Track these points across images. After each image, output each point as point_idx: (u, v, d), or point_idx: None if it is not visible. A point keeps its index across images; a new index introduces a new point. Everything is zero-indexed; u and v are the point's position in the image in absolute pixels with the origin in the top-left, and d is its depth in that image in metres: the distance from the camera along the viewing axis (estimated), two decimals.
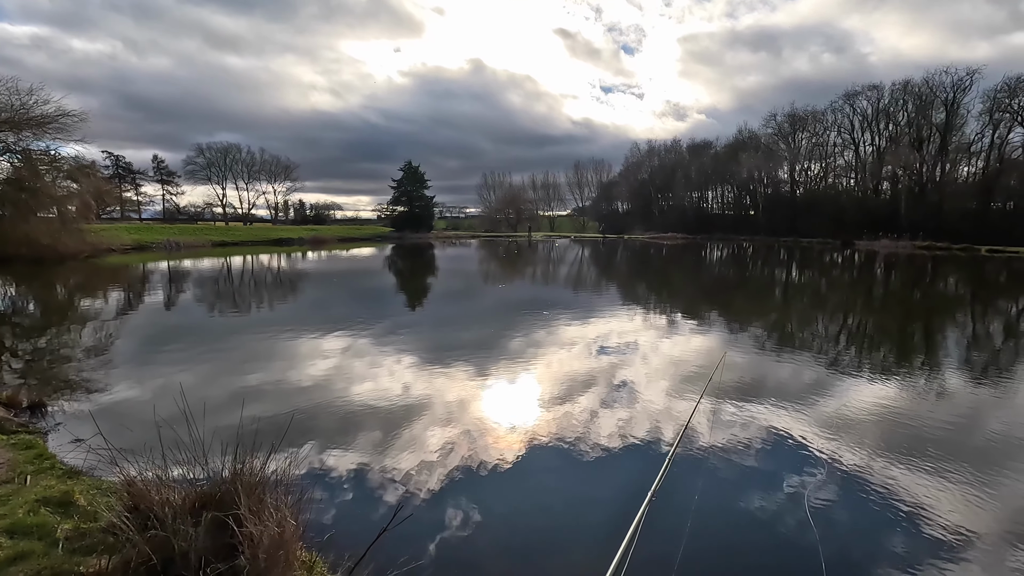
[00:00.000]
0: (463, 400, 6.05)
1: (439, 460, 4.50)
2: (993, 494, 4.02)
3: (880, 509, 3.79)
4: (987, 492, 4.04)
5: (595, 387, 6.55)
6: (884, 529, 3.55)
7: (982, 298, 17.14)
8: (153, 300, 14.51)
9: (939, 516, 3.69)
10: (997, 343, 10.11)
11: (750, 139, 73.15)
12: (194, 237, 43.30)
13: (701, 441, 4.94)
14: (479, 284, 20.36)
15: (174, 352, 8.22)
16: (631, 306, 14.24)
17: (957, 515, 3.71)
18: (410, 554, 3.19)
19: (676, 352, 8.49)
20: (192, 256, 32.29)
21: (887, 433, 5.21)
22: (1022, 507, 3.85)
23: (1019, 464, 4.56)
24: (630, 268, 28.77)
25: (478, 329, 10.39)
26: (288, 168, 79.11)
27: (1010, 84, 50.04)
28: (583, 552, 3.25)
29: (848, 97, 61.73)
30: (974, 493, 4.02)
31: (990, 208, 52.61)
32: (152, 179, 73.44)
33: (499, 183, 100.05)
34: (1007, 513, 3.76)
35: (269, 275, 22.68)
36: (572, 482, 4.23)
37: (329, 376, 6.92)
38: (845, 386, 6.77)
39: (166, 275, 21.74)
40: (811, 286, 20.73)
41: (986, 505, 3.86)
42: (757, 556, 3.31)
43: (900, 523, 3.61)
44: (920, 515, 3.70)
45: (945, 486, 4.12)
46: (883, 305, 15.46)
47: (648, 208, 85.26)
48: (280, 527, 2.45)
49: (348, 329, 9.96)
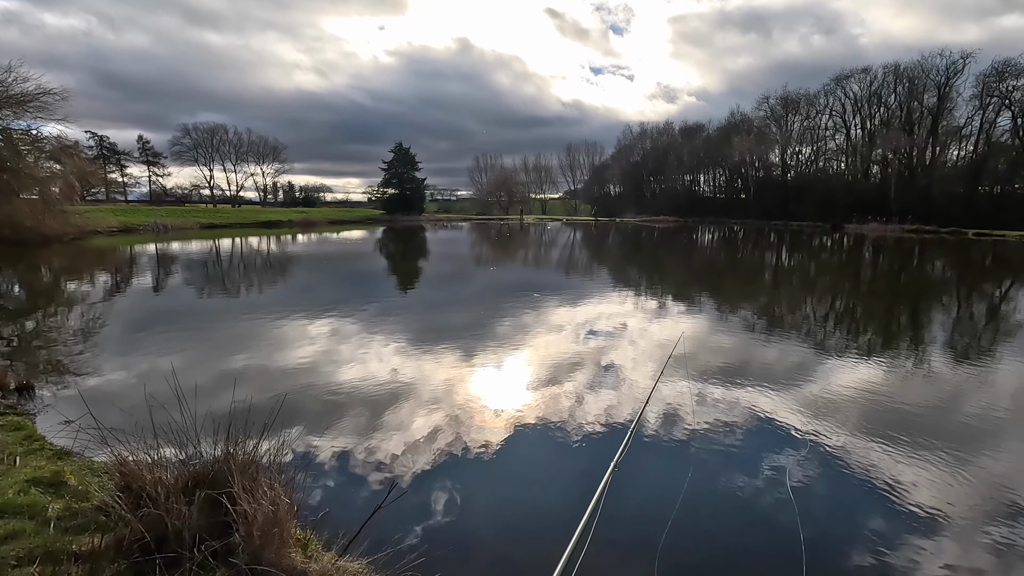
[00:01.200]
0: (452, 382, 6.07)
1: (430, 440, 4.53)
2: (968, 472, 4.11)
3: (859, 487, 3.87)
4: (962, 470, 4.13)
5: (580, 369, 6.60)
6: (862, 507, 3.62)
7: (966, 281, 17.36)
8: (141, 283, 14.35)
9: (916, 494, 3.77)
10: (978, 326, 10.27)
11: (742, 122, 72.93)
12: (182, 219, 42.71)
13: (675, 420, 4.99)
14: (471, 267, 20.31)
15: (162, 335, 8.15)
16: (621, 289, 14.30)
17: (933, 493, 3.79)
18: (404, 530, 3.22)
19: (661, 335, 8.55)
20: (180, 239, 31.89)
21: (868, 412, 5.29)
22: (996, 484, 3.94)
23: (994, 443, 4.67)
24: (621, 251, 28.81)
25: (469, 312, 10.39)
26: (276, 149, 77.95)
27: (999, 68, 50.13)
28: (566, 519, 3.29)
29: (840, 80, 61.60)
30: (950, 471, 4.11)
31: (978, 192, 53.04)
32: (138, 160, 72.06)
33: (491, 165, 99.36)
34: (981, 490, 3.85)
35: (259, 258, 22.47)
36: (557, 457, 4.29)
37: (320, 359, 6.91)
38: (828, 367, 6.87)
39: (154, 258, 21.48)
40: (799, 269, 20.88)
41: (961, 483, 3.95)
42: (737, 527, 3.38)
43: (878, 502, 3.69)
44: (897, 493, 3.78)
45: (923, 465, 4.21)
46: (869, 289, 15.63)
47: (640, 191, 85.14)
48: (274, 505, 2.46)
49: (339, 312, 9.92)
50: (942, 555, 3.09)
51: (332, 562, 2.52)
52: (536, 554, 3.09)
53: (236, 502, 2.45)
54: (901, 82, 57.46)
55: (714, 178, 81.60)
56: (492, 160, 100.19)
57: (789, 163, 69.65)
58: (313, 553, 2.61)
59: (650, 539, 3.18)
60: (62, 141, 28.80)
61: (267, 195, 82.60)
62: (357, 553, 2.71)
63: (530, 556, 3.10)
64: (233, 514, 2.45)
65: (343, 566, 2.53)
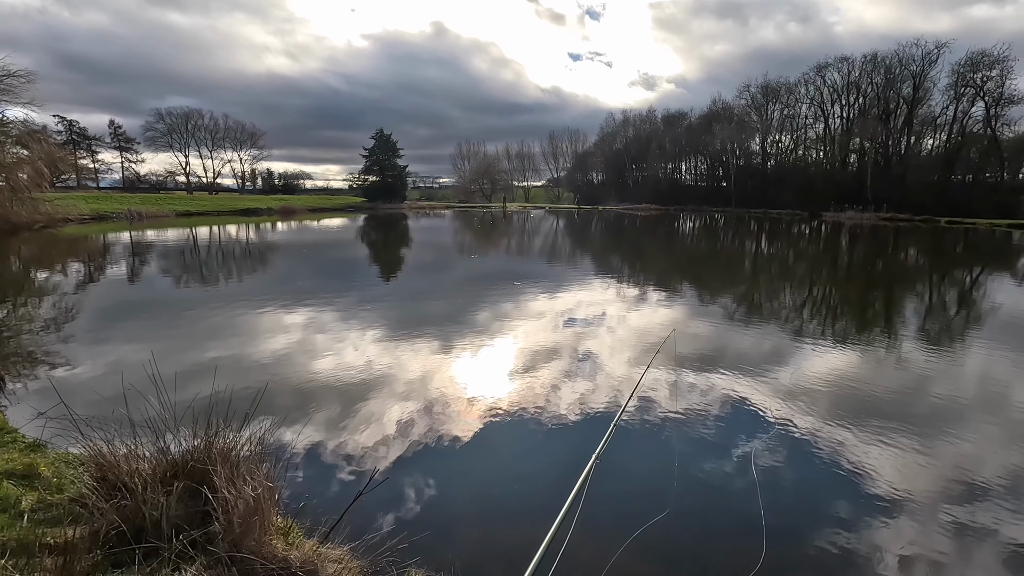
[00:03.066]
0: (432, 371, 6.08)
1: (410, 428, 4.55)
2: (930, 455, 4.26)
3: (825, 470, 3.98)
4: (925, 454, 4.28)
5: (560, 357, 6.65)
6: (827, 491, 3.74)
7: (938, 268, 17.82)
8: (115, 272, 14.03)
9: (879, 477, 3.90)
10: (948, 311, 10.57)
11: (723, 110, 73.36)
12: (157, 207, 41.69)
13: (657, 407, 5.08)
14: (453, 255, 20.24)
15: (137, 325, 8.01)
16: (602, 277, 14.39)
17: (896, 475, 3.93)
18: (386, 516, 3.24)
19: (641, 323, 8.65)
20: (155, 227, 31.17)
21: (838, 397, 5.44)
22: (956, 466, 4.09)
23: (957, 427, 4.84)
24: (603, 239, 28.94)
25: (450, 300, 10.37)
26: (254, 135, 76.36)
27: (974, 58, 51.05)
28: (547, 505, 3.34)
29: (819, 69, 62.21)
30: (913, 454, 4.26)
31: (951, 181, 54.25)
32: (109, 146, 70.00)
33: (473, 152, 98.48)
34: (942, 472, 3.99)
35: (237, 247, 22.10)
36: (537, 445, 4.33)
37: (299, 348, 6.86)
38: (802, 353, 7.02)
39: (128, 246, 20.98)
40: (778, 257, 21.22)
41: (923, 465, 4.09)
42: (701, 508, 3.47)
43: (843, 484, 3.81)
44: (863, 476, 3.91)
45: (888, 448, 4.35)
46: (846, 275, 15.96)
47: (623, 179, 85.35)
48: (255, 493, 2.45)
49: (319, 302, 9.83)
50: (903, 534, 3.21)
51: (313, 548, 2.53)
52: (516, 538, 3.14)
53: (216, 491, 2.44)
54: (879, 72, 58.23)
55: (695, 166, 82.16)
56: (474, 147, 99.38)
57: (769, 151, 70.39)
58: (294, 540, 2.61)
59: (630, 525, 3.24)
60: (29, 126, 27.84)
61: (245, 182, 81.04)
62: (338, 539, 2.73)
63: (511, 540, 3.15)
64: (213, 503, 2.44)
65: (324, 552, 2.55)
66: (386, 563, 2.65)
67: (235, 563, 2.22)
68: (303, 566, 2.31)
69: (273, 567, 2.26)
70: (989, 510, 3.44)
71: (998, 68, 50.11)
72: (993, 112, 51.74)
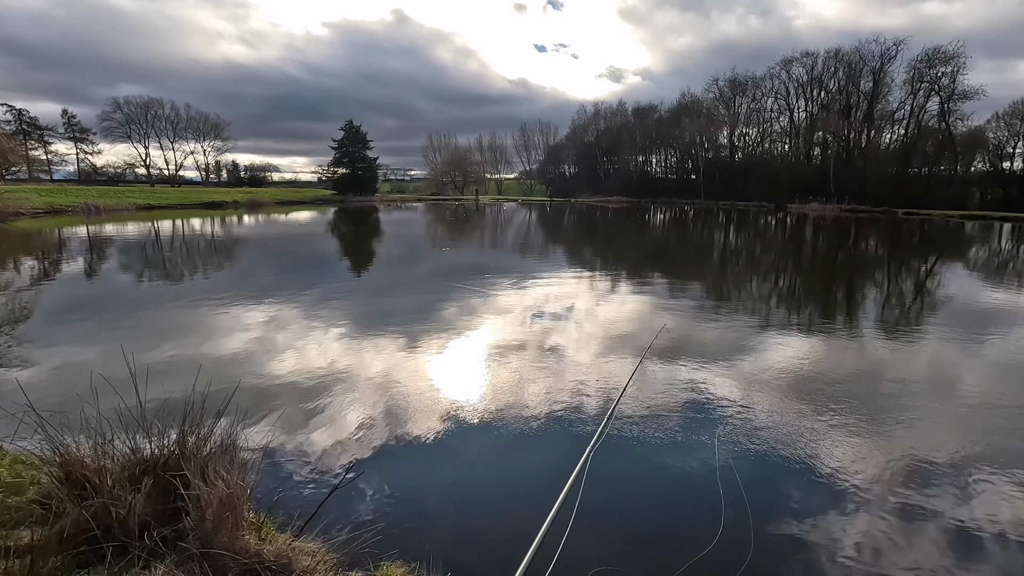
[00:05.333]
0: (409, 364, 6.06)
1: (386, 422, 4.54)
2: (884, 442, 4.47)
3: (787, 461, 4.14)
4: (878, 440, 4.49)
5: (536, 350, 6.70)
6: (791, 479, 3.89)
7: (896, 257, 18.55)
8: (73, 268, 13.50)
9: (833, 462, 4.08)
10: (903, 299, 11.02)
11: (692, 104, 74.52)
12: (116, 200, 40.11)
13: (646, 401, 5.19)
14: (425, 248, 20.12)
15: (96, 323, 7.75)
16: (575, 269, 14.51)
17: (849, 460, 4.11)
18: (362, 511, 3.24)
19: (613, 315, 8.78)
20: (114, 220, 30.05)
21: (799, 386, 5.64)
22: (908, 452, 4.30)
23: (911, 414, 5.08)
24: (576, 232, 29.14)
25: (420, 295, 10.32)
26: (217, 126, 74.24)
27: (929, 55, 52.95)
28: (530, 504, 3.39)
29: (785, 63, 63.75)
30: (867, 441, 4.46)
31: (908, 173, 56.33)
32: (63, 136, 67.11)
33: (444, 144, 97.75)
34: (895, 458, 4.20)
35: (202, 241, 21.49)
36: (516, 441, 4.36)
37: (272, 345, 6.75)
38: (767, 342, 7.24)
39: (86, 242, 20.20)
40: (745, 248, 21.74)
41: (876, 452, 4.29)
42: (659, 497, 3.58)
43: (807, 473, 3.97)
44: (817, 462, 4.08)
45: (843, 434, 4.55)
46: (811, 266, 16.47)
47: (595, 171, 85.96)
48: (228, 489, 2.42)
49: (286, 297, 9.67)
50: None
51: (287, 542, 2.52)
52: (496, 529, 3.18)
53: (186, 488, 2.40)
54: (841, 67, 59.92)
55: (666, 159, 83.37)
56: (446, 139, 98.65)
57: (737, 144, 71.89)
58: (267, 535, 2.60)
59: (624, 520, 3.31)
60: None
61: (209, 175, 78.81)
62: (314, 533, 2.72)
63: (489, 532, 3.19)
64: (185, 500, 2.41)
65: (299, 546, 2.54)
66: (362, 555, 2.66)
67: (207, 559, 2.20)
68: (276, 560, 2.31)
69: (246, 561, 2.25)
70: (940, 487, 3.64)
71: (952, 64, 52.14)
72: (947, 107, 53.87)
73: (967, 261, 17.91)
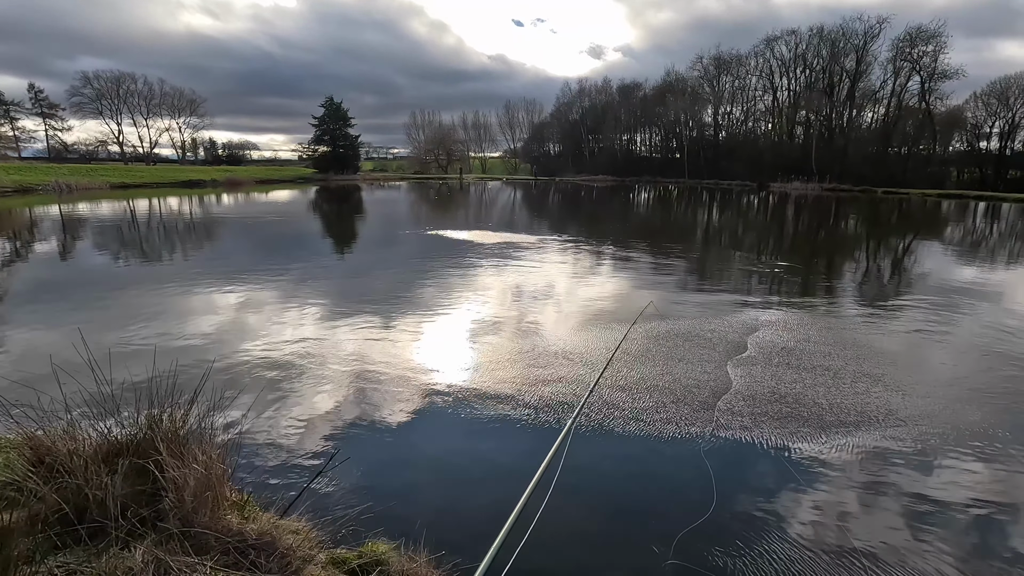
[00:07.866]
0: (393, 344, 6.02)
1: (371, 402, 4.51)
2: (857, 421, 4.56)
3: (773, 442, 4.21)
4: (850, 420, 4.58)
5: (519, 327, 6.70)
6: (770, 464, 3.96)
7: (875, 235, 18.84)
8: (44, 249, 13.12)
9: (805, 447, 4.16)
10: (880, 275, 11.21)
11: (677, 82, 74.17)
12: (88, 179, 38.97)
13: (632, 375, 5.22)
14: (410, 228, 19.91)
15: (66, 305, 7.55)
16: (561, 246, 14.49)
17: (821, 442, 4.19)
18: (347, 490, 3.22)
19: (595, 292, 8.79)
20: (87, 199, 29.20)
21: (779, 363, 5.72)
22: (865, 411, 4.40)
23: (876, 385, 5.18)
24: (560, 210, 29.05)
25: (408, 273, 10.22)
26: (193, 102, 72.16)
27: (912, 34, 53.18)
28: (514, 478, 3.40)
29: (769, 42, 63.56)
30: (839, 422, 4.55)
31: (888, 153, 56.98)
32: (30, 112, 64.72)
33: (428, 122, 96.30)
34: (867, 439, 4.29)
35: (179, 222, 21.01)
36: (500, 419, 4.36)
37: (250, 326, 6.64)
38: (750, 315, 7.32)
39: (58, 221, 19.61)
40: (728, 225, 21.89)
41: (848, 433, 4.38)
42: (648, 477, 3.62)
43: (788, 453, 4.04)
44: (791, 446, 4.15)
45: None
46: (792, 243, 16.65)
47: (580, 150, 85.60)
48: (207, 469, 2.38)
49: (268, 278, 9.52)
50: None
51: (272, 521, 2.49)
52: (483, 506, 3.19)
53: (164, 469, 2.35)
54: (824, 45, 59.94)
55: (650, 138, 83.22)
56: (429, 117, 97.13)
57: (721, 123, 71.88)
58: (251, 514, 2.56)
59: (605, 495, 3.34)
60: None
61: (186, 152, 76.84)
62: (298, 513, 2.70)
63: (477, 508, 3.19)
64: (162, 480, 2.35)
65: (283, 524, 2.51)
66: (348, 533, 2.65)
67: (188, 538, 2.16)
68: (260, 538, 2.28)
69: (228, 540, 2.21)
70: (912, 459, 3.73)
71: (933, 43, 52.46)
72: (928, 86, 54.34)
73: (944, 238, 18.28)
